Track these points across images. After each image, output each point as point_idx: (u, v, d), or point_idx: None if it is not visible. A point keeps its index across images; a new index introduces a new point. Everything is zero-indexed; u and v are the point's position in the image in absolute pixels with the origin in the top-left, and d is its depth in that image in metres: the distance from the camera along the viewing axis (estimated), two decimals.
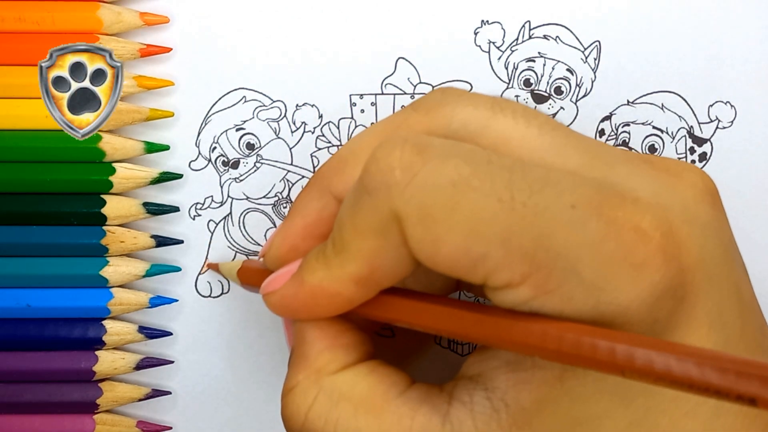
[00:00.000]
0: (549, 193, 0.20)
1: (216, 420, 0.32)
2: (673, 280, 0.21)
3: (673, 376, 0.18)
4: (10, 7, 0.31)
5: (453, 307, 0.22)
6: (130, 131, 0.32)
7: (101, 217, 0.31)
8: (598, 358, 0.19)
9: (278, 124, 0.32)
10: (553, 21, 0.32)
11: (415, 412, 0.23)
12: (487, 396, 0.22)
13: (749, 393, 0.17)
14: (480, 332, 0.21)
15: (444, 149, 0.21)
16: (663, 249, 0.20)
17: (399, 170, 0.21)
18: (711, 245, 0.22)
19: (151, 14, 0.32)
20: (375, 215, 0.21)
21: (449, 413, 0.23)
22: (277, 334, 0.32)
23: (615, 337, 0.19)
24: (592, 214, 0.20)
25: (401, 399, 0.23)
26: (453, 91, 0.25)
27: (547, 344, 0.20)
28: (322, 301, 0.23)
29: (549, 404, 0.21)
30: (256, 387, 0.32)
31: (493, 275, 0.21)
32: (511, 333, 0.21)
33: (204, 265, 0.32)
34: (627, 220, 0.20)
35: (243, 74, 0.32)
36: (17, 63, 0.31)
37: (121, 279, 0.31)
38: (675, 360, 0.18)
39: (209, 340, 0.32)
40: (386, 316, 0.24)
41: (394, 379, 0.24)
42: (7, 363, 0.31)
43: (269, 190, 0.32)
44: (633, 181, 0.22)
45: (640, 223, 0.20)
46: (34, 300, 0.31)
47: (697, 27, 0.32)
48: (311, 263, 0.24)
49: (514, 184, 0.20)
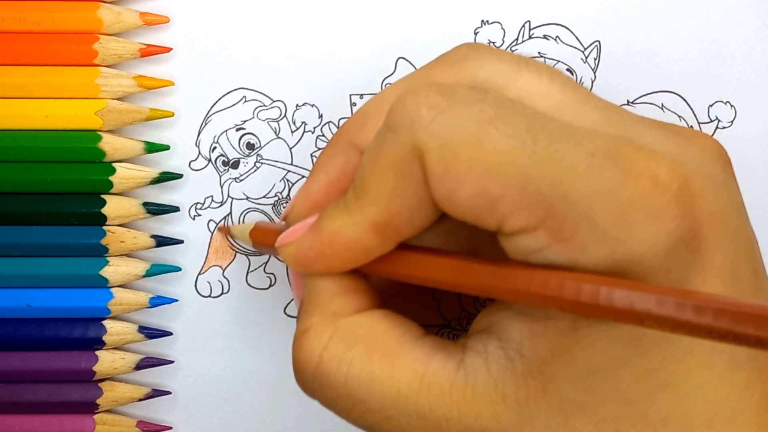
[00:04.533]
0: (569, 142, 0.21)
1: (216, 420, 0.32)
2: (688, 231, 0.20)
3: (692, 324, 0.18)
4: (10, 7, 0.31)
5: (469, 261, 0.22)
6: (130, 131, 0.32)
7: (101, 217, 0.31)
8: (617, 308, 0.19)
9: (278, 124, 0.32)
10: (553, 21, 0.32)
11: (430, 357, 0.23)
12: (501, 346, 0.22)
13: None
14: (496, 285, 0.21)
15: (470, 94, 0.22)
16: (679, 199, 0.20)
17: (425, 108, 0.21)
18: (725, 201, 0.22)
19: (151, 14, 0.32)
20: (397, 151, 0.22)
21: (464, 360, 0.23)
22: (277, 334, 0.32)
23: (633, 287, 0.19)
24: (609, 163, 0.20)
25: (416, 344, 0.23)
26: (479, 46, 0.25)
27: (565, 295, 0.20)
28: (339, 250, 0.23)
29: (563, 354, 0.21)
30: (256, 387, 0.32)
31: (508, 219, 0.21)
32: (529, 285, 0.20)
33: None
34: (644, 169, 0.20)
35: (243, 74, 0.32)
36: (17, 63, 0.31)
37: (121, 279, 0.31)
38: (694, 307, 0.18)
39: (209, 340, 0.32)
40: (402, 271, 0.23)
41: (409, 326, 0.24)
42: (7, 363, 0.31)
43: (269, 190, 0.32)
44: (649, 137, 0.22)
45: (657, 173, 0.20)
46: (34, 300, 0.31)
47: (697, 27, 0.32)
48: (331, 210, 0.23)
49: (536, 131, 0.21)
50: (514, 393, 0.22)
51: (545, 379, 0.22)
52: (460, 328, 0.32)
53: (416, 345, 0.23)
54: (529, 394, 0.22)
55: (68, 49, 0.31)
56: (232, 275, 0.32)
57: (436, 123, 0.21)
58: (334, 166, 0.26)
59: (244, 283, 0.32)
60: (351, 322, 0.24)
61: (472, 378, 0.22)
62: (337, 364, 0.23)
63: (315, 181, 0.26)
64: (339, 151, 0.26)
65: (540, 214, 0.20)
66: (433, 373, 0.23)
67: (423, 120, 0.21)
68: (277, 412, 0.32)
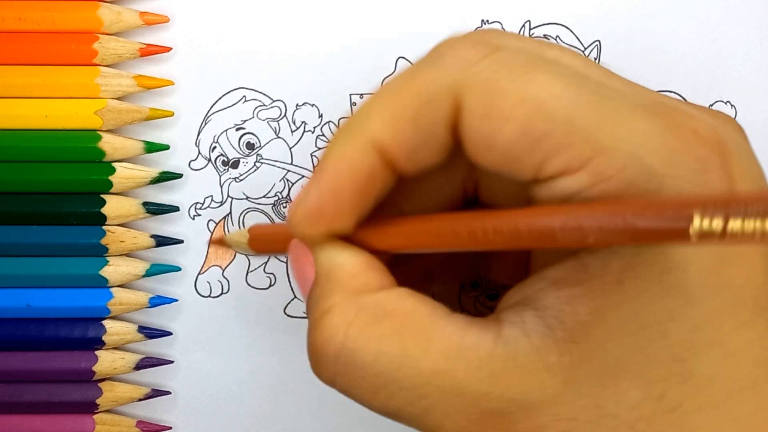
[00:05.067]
0: (614, 91, 0.21)
1: (216, 420, 0.32)
2: (728, 180, 0.20)
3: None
4: (10, 7, 0.31)
5: (489, 212, 0.21)
6: (130, 131, 0.32)
7: (101, 216, 0.31)
8: (673, 227, 0.18)
9: (278, 123, 0.32)
10: (553, 21, 0.32)
11: (465, 331, 0.22)
12: (538, 315, 0.21)
13: None
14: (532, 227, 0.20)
15: (514, 47, 0.21)
16: (720, 152, 0.21)
17: (473, 51, 0.21)
18: (755, 166, 0.22)
19: (151, 14, 0.32)
20: (433, 82, 0.21)
21: (501, 332, 0.22)
22: (277, 334, 0.32)
23: (686, 201, 0.18)
24: (654, 113, 0.20)
25: (449, 320, 0.22)
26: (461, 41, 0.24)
27: (617, 222, 0.19)
28: (343, 178, 0.22)
29: (609, 311, 0.21)
30: (256, 387, 0.32)
31: (550, 159, 0.20)
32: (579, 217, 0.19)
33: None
34: (686, 124, 0.21)
35: (243, 74, 0.32)
36: (17, 63, 0.31)
37: (121, 279, 0.31)
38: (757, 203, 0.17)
39: (209, 340, 0.32)
40: (420, 241, 0.22)
41: (436, 304, 0.23)
42: (7, 363, 0.31)
43: (269, 190, 0.32)
44: (682, 105, 0.22)
45: (698, 129, 0.21)
46: (34, 300, 0.31)
47: (697, 27, 0.32)
48: (330, 145, 0.22)
49: (582, 76, 0.21)
50: (557, 360, 0.21)
51: (589, 342, 0.21)
52: None
53: (449, 320, 0.22)
54: (573, 360, 0.21)
55: (68, 49, 0.31)
56: (232, 275, 0.32)
57: (482, 64, 0.21)
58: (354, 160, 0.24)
59: (244, 283, 0.32)
60: (377, 297, 0.22)
61: (512, 348, 0.21)
62: (366, 340, 0.22)
63: (333, 172, 0.24)
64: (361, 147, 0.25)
65: (586, 151, 0.20)
66: (470, 345, 0.21)
67: (469, 60, 0.21)
68: (277, 412, 0.32)
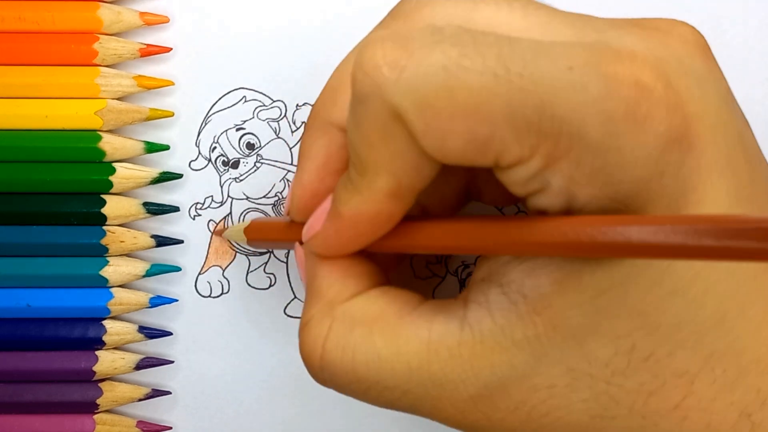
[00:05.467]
0: (544, 61, 0.20)
1: (216, 420, 0.32)
2: (678, 131, 0.20)
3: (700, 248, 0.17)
4: (10, 7, 0.31)
5: (474, 223, 0.22)
6: (130, 131, 0.32)
7: (101, 216, 0.31)
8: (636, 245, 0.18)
9: (278, 123, 0.32)
10: None
11: (431, 322, 0.23)
12: (502, 292, 0.22)
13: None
14: (503, 242, 0.21)
15: (426, 37, 0.21)
16: (665, 100, 0.20)
17: (386, 68, 0.20)
18: (709, 95, 0.22)
19: (151, 14, 0.32)
20: (377, 120, 0.21)
21: (466, 316, 0.22)
22: (277, 334, 0.32)
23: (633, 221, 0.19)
24: (590, 73, 0.20)
25: (416, 313, 0.23)
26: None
27: (576, 239, 0.19)
28: (364, 227, 0.23)
29: (570, 281, 0.21)
30: (256, 387, 0.32)
31: (503, 154, 0.20)
32: (540, 235, 0.20)
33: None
34: (626, 74, 0.20)
35: (243, 74, 0.32)
36: (17, 63, 0.31)
37: (121, 279, 0.31)
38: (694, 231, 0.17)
39: (209, 340, 0.32)
40: (413, 244, 0.23)
41: (407, 298, 0.24)
42: (7, 363, 0.31)
43: (269, 190, 0.32)
44: (626, 40, 0.22)
45: (640, 77, 0.20)
46: (34, 300, 0.31)
47: (697, 25, 0.32)
48: (341, 194, 0.23)
49: (506, 57, 0.20)
50: (523, 334, 0.22)
51: (552, 312, 0.21)
52: None
53: (416, 314, 0.23)
54: (538, 332, 0.21)
55: (68, 49, 0.31)
56: (232, 275, 0.32)
57: (402, 81, 0.20)
58: (319, 150, 0.25)
59: (244, 283, 0.32)
60: (348, 307, 0.24)
61: (477, 331, 0.22)
62: (341, 351, 0.23)
63: (305, 171, 0.25)
64: (319, 134, 0.25)
65: (532, 141, 0.20)
66: (437, 337, 0.22)
67: (387, 82, 0.20)
68: (277, 412, 0.32)
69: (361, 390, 0.23)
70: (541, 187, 0.21)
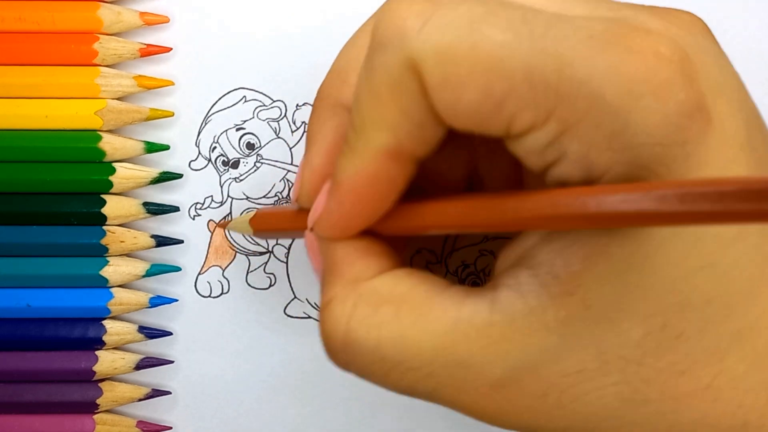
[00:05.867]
0: (565, 27, 0.20)
1: (216, 420, 0.32)
2: (696, 101, 0.20)
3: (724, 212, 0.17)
4: (10, 7, 0.31)
5: (486, 198, 0.21)
6: (130, 131, 0.32)
7: (101, 216, 0.31)
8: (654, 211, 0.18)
9: (278, 123, 0.32)
10: None
11: (461, 303, 0.22)
12: (532, 274, 0.22)
13: None
14: (518, 216, 0.20)
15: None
16: (684, 70, 0.20)
17: (411, 18, 0.20)
18: (727, 72, 0.22)
19: (151, 14, 0.32)
20: (391, 71, 0.21)
21: (496, 298, 0.22)
22: (277, 334, 0.32)
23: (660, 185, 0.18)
24: (610, 41, 0.20)
25: (445, 295, 0.22)
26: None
27: (589, 210, 0.19)
28: (365, 192, 0.22)
29: (600, 257, 0.21)
30: (256, 387, 0.32)
31: (517, 117, 0.20)
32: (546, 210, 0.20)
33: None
34: (645, 45, 0.20)
35: (243, 74, 0.32)
36: (17, 63, 0.31)
37: (121, 279, 0.31)
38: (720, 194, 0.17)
39: (209, 340, 0.32)
40: (424, 223, 0.22)
41: (435, 280, 0.23)
42: (7, 363, 0.31)
43: (269, 190, 0.32)
44: (641, 18, 0.22)
45: (658, 48, 0.20)
46: (34, 300, 0.31)
47: None
48: (340, 161, 0.22)
49: (530, 20, 0.20)
50: (554, 316, 0.21)
51: (583, 292, 0.21)
52: None
53: (445, 296, 0.22)
54: (570, 313, 0.21)
55: (68, 49, 0.31)
56: (232, 275, 0.32)
57: (426, 31, 0.20)
58: (328, 133, 0.25)
59: (244, 283, 0.32)
60: (374, 284, 0.23)
61: (508, 313, 0.21)
62: (366, 329, 0.22)
63: (315, 154, 0.25)
64: (327, 116, 0.25)
65: (549, 103, 0.20)
66: (467, 317, 0.22)
67: (412, 30, 0.20)
68: (277, 412, 0.32)
69: (383, 371, 0.22)
70: (558, 155, 0.20)
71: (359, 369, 0.23)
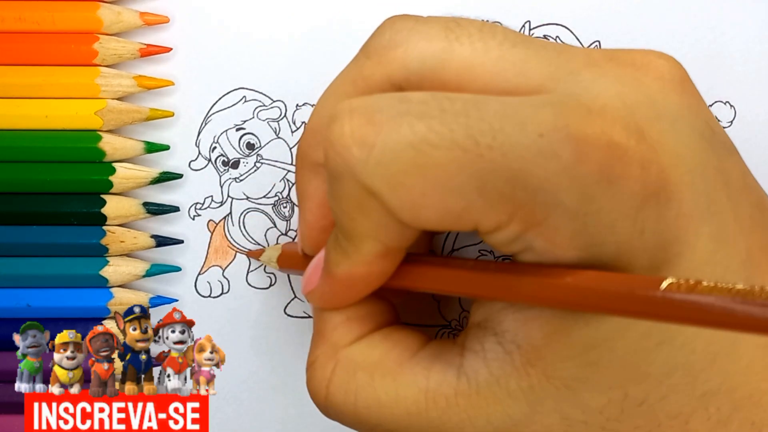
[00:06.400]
0: (512, 129, 0.20)
1: (216, 420, 0.32)
2: (654, 185, 0.20)
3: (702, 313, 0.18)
4: (10, 7, 0.31)
5: (477, 269, 0.22)
6: (130, 131, 0.32)
7: (101, 217, 0.31)
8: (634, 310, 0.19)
9: (278, 123, 0.32)
10: (553, 21, 0.32)
11: (429, 370, 0.23)
12: (497, 341, 0.22)
13: None
14: (494, 292, 0.22)
15: (393, 109, 0.21)
16: (638, 156, 0.20)
17: (355, 147, 0.21)
18: (685, 136, 0.22)
19: (151, 14, 0.32)
20: (353, 198, 0.21)
21: (463, 365, 0.23)
22: (277, 334, 0.32)
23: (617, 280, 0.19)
24: (561, 139, 0.20)
25: (414, 360, 0.24)
26: (402, 25, 0.24)
27: (562, 296, 0.20)
28: (358, 286, 0.23)
29: (560, 335, 0.21)
30: (255, 387, 0.32)
31: (480, 223, 0.21)
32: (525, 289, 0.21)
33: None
34: (597, 135, 0.20)
35: (243, 74, 0.32)
36: (17, 63, 0.31)
37: (121, 279, 0.31)
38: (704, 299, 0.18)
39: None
40: (416, 285, 0.24)
41: (408, 341, 0.24)
42: (7, 363, 0.31)
43: (269, 190, 0.32)
44: (598, 86, 0.21)
45: (612, 136, 0.20)
46: (34, 300, 0.31)
47: (697, 27, 0.32)
48: (332, 256, 0.23)
49: (474, 129, 0.20)
50: (517, 385, 0.22)
51: (544, 364, 0.22)
52: (460, 328, 0.32)
53: (414, 360, 0.24)
54: (532, 383, 0.22)
55: (68, 49, 0.31)
56: (232, 275, 0.32)
57: (371, 161, 0.20)
58: (315, 190, 0.26)
59: (244, 283, 0.32)
60: (351, 351, 0.24)
61: (474, 381, 0.23)
62: (344, 394, 0.24)
63: (307, 211, 0.26)
64: (310, 175, 0.26)
65: (508, 210, 0.20)
66: (435, 385, 0.23)
67: (358, 162, 0.21)
68: (277, 412, 0.32)
69: (365, 430, 0.24)
70: (525, 247, 0.21)
71: (344, 424, 0.25)
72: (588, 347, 0.21)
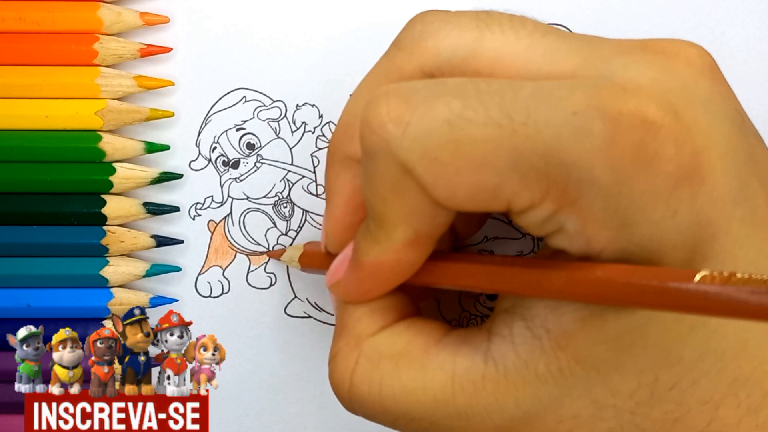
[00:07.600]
0: (547, 107, 0.20)
1: (215, 420, 0.32)
2: (688, 167, 0.20)
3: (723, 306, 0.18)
4: (10, 7, 0.31)
5: (505, 264, 0.22)
6: (130, 131, 0.32)
7: (101, 217, 0.31)
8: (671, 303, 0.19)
9: (278, 124, 0.32)
10: (553, 21, 0.32)
11: (455, 356, 0.23)
12: (526, 326, 0.22)
13: None
14: (524, 288, 0.22)
15: (429, 90, 0.21)
16: (673, 135, 0.20)
17: (391, 124, 0.21)
18: (717, 121, 0.22)
19: (151, 14, 0.32)
20: (387, 177, 0.21)
21: (490, 350, 0.23)
22: (277, 334, 0.32)
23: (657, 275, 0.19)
24: (595, 117, 0.20)
25: (440, 346, 0.23)
26: (433, 18, 0.24)
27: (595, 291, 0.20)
28: (386, 276, 0.23)
29: (593, 320, 0.21)
30: (256, 387, 0.32)
31: (514, 201, 0.20)
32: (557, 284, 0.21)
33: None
34: (632, 113, 0.20)
35: (243, 74, 0.32)
36: (17, 63, 0.31)
37: (121, 279, 0.31)
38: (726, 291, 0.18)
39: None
40: (439, 282, 0.24)
41: (432, 329, 0.24)
42: (7, 362, 0.31)
43: (269, 190, 0.32)
44: (630, 70, 0.21)
45: (646, 113, 0.20)
46: (34, 300, 0.31)
47: (697, 27, 0.32)
48: (362, 244, 0.23)
49: (509, 107, 0.20)
50: (546, 368, 0.22)
51: (575, 348, 0.21)
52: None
53: (440, 347, 0.23)
54: (561, 366, 0.22)
55: (68, 49, 0.31)
56: (232, 275, 0.32)
57: (407, 136, 0.21)
58: (344, 185, 0.26)
59: (244, 283, 0.32)
60: (375, 341, 0.24)
61: (501, 365, 0.22)
62: (368, 385, 0.24)
63: (335, 206, 0.26)
64: (340, 170, 0.26)
65: (542, 187, 0.20)
66: (462, 370, 0.23)
67: (394, 138, 0.21)
68: (277, 412, 0.32)
69: (389, 420, 0.24)
70: (557, 228, 0.21)
71: (368, 417, 0.24)
72: (621, 332, 0.21)
